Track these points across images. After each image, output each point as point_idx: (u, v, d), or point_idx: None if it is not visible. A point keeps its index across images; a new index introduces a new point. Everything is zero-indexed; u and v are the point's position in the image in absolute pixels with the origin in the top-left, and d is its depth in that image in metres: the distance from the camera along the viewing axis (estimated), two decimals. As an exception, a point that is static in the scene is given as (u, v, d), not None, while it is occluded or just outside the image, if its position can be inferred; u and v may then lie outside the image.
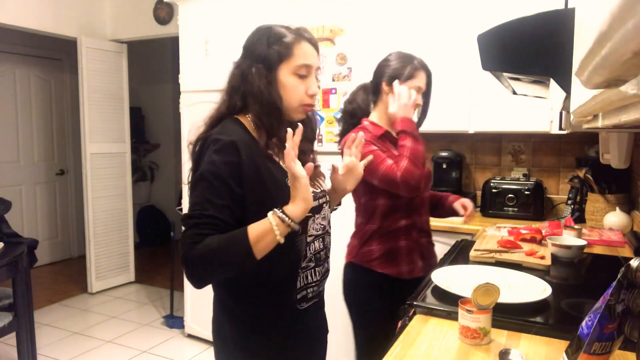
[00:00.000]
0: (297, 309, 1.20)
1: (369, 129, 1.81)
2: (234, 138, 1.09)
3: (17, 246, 2.50)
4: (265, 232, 1.03)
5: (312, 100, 1.19)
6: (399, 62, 1.83)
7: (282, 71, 1.15)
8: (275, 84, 1.15)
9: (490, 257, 1.67)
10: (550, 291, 1.28)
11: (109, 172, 4.21)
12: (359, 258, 1.84)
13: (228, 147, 1.08)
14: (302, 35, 1.18)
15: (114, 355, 3.06)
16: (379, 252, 1.80)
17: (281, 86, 1.15)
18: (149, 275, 4.62)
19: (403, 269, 1.81)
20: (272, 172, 1.14)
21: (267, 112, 1.14)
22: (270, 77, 1.14)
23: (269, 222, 1.04)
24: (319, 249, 1.23)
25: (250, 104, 1.15)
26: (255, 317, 1.18)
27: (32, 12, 3.64)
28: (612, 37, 0.31)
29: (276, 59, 1.15)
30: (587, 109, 0.63)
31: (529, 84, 1.17)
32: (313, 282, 1.22)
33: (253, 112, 1.15)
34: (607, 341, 0.75)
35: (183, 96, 3.17)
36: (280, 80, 1.15)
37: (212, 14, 3.00)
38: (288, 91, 1.16)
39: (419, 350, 1.06)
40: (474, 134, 2.70)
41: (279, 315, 1.18)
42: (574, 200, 2.57)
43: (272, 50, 1.15)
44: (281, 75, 1.15)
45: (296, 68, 1.16)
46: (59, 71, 5.07)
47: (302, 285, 1.19)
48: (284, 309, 1.18)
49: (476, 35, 0.99)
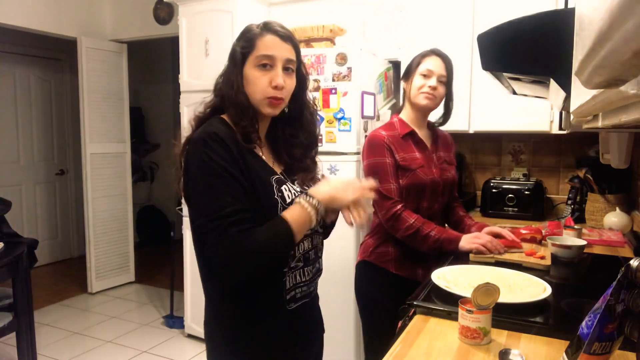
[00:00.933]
0: (287, 309, 1.18)
1: (395, 126, 1.85)
2: (217, 132, 1.09)
3: (17, 246, 2.50)
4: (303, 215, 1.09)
5: (276, 92, 1.14)
6: (412, 59, 1.87)
7: (247, 66, 1.15)
8: (241, 80, 1.15)
9: (490, 257, 1.67)
10: (550, 291, 1.28)
11: (109, 172, 4.21)
12: (374, 257, 1.86)
13: (214, 140, 1.08)
14: (268, 28, 1.16)
15: (114, 355, 3.06)
16: (395, 253, 1.83)
17: (246, 82, 1.15)
18: (149, 275, 4.62)
19: (418, 271, 1.83)
20: (255, 166, 1.14)
21: (238, 110, 1.14)
22: (237, 74, 1.15)
23: (299, 205, 1.09)
24: (307, 248, 1.22)
25: (226, 103, 1.16)
26: (245, 317, 1.17)
27: (32, 12, 3.64)
28: (612, 37, 0.31)
29: (241, 54, 1.15)
30: (587, 109, 0.63)
31: (529, 84, 1.17)
32: (302, 282, 1.21)
33: (228, 111, 1.16)
34: (607, 341, 0.75)
35: (183, 96, 3.17)
36: (245, 75, 1.15)
37: (212, 14, 3.00)
38: (251, 85, 1.15)
39: (419, 350, 1.06)
40: (474, 134, 2.70)
41: (268, 316, 1.17)
42: (574, 200, 2.57)
43: (238, 47, 1.16)
44: (246, 70, 1.15)
45: (257, 59, 1.14)
46: (59, 71, 5.07)
47: (291, 286, 1.18)
48: (273, 310, 1.17)
49: (476, 35, 0.99)
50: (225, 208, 1.04)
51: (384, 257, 1.84)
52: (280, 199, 1.14)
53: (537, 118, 2.48)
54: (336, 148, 2.56)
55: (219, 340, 1.21)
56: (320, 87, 2.54)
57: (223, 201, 1.05)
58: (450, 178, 1.89)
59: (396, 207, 1.74)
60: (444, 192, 1.87)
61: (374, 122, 2.70)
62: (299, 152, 1.28)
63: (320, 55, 2.54)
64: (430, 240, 1.71)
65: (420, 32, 2.70)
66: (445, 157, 1.91)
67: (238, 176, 1.08)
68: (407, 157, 1.79)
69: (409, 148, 1.81)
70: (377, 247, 1.86)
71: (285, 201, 1.14)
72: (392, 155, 1.78)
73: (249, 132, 1.14)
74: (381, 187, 1.74)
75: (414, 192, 1.79)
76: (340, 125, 2.54)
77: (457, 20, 2.62)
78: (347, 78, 2.50)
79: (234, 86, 1.14)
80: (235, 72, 1.15)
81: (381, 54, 2.84)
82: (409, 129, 1.83)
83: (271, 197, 1.12)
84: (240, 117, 1.14)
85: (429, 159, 1.84)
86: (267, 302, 1.17)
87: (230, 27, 2.91)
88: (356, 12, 2.93)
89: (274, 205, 1.13)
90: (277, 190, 1.15)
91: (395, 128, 1.84)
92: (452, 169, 1.91)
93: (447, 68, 1.80)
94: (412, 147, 1.82)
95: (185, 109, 3.17)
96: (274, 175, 1.17)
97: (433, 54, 1.81)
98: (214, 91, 1.21)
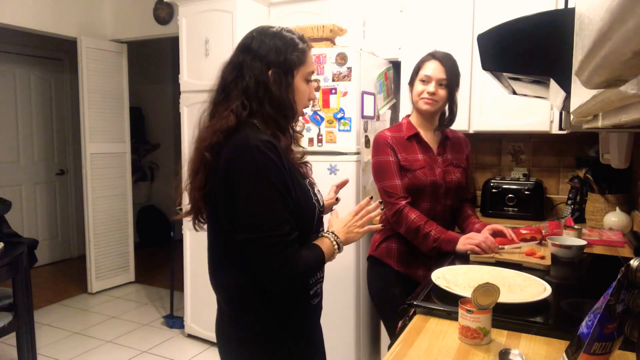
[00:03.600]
0: (311, 304, 1.24)
1: (402, 128, 1.90)
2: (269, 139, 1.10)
3: (17, 246, 2.50)
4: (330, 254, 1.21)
5: (309, 104, 1.27)
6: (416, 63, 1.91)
7: (297, 77, 1.19)
8: (292, 88, 1.19)
9: (490, 257, 1.67)
10: (550, 291, 1.28)
11: (109, 172, 4.21)
12: (379, 252, 1.93)
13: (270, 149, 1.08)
14: (309, 43, 1.24)
15: (114, 355, 3.06)
16: (397, 250, 1.88)
17: (296, 91, 1.20)
18: (149, 275, 4.61)
19: (419, 272, 1.87)
20: (294, 173, 1.18)
21: (284, 116, 1.18)
22: (289, 82, 1.18)
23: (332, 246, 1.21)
24: None
25: (267, 108, 1.15)
26: (274, 315, 1.19)
27: (32, 12, 3.64)
28: (612, 37, 0.31)
29: (295, 64, 1.18)
30: (587, 109, 0.63)
31: (529, 84, 1.17)
32: (321, 278, 1.28)
33: (268, 116, 1.15)
34: (607, 341, 0.75)
35: (183, 96, 3.17)
36: (296, 86, 1.19)
37: (212, 14, 3.00)
38: (300, 96, 1.21)
39: (419, 350, 1.06)
40: (474, 134, 2.70)
41: (296, 311, 1.22)
42: (574, 200, 2.57)
43: (291, 56, 1.18)
44: (297, 81, 1.19)
45: (307, 74, 1.22)
46: (59, 71, 5.07)
47: (313, 282, 1.24)
48: (301, 306, 1.23)
49: (476, 35, 0.99)
50: (283, 226, 1.07)
51: (387, 252, 1.90)
52: (317, 203, 1.22)
53: (537, 118, 2.48)
54: (336, 148, 2.56)
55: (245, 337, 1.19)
56: (320, 87, 2.54)
57: (281, 218, 1.07)
58: (455, 181, 1.89)
59: (400, 203, 1.78)
60: (447, 195, 1.88)
61: (374, 122, 2.70)
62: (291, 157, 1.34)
63: (320, 55, 2.54)
64: (430, 239, 1.73)
65: (420, 32, 2.70)
66: (452, 160, 1.91)
67: (291, 188, 1.11)
68: (409, 157, 1.83)
69: (412, 149, 1.85)
70: (382, 242, 1.93)
71: (320, 204, 1.24)
72: (395, 155, 1.83)
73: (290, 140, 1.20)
74: (385, 185, 1.80)
75: (413, 192, 1.82)
76: (340, 125, 2.54)
77: (457, 20, 2.62)
78: (347, 78, 2.50)
79: (289, 95, 1.17)
80: (288, 81, 1.17)
81: (381, 54, 2.84)
82: (414, 130, 1.87)
83: (311, 200, 1.20)
84: (285, 121, 1.19)
85: (433, 160, 1.86)
86: (296, 299, 1.21)
87: (230, 27, 2.91)
88: (356, 12, 2.93)
89: (313, 208, 1.20)
90: (314, 195, 1.22)
91: (402, 129, 1.89)
92: (457, 172, 1.91)
93: (447, 71, 1.80)
94: (415, 149, 1.85)
95: (185, 109, 3.17)
96: (305, 179, 1.24)
97: (432, 58, 1.84)
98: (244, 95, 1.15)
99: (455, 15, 2.63)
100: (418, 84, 1.84)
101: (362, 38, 2.92)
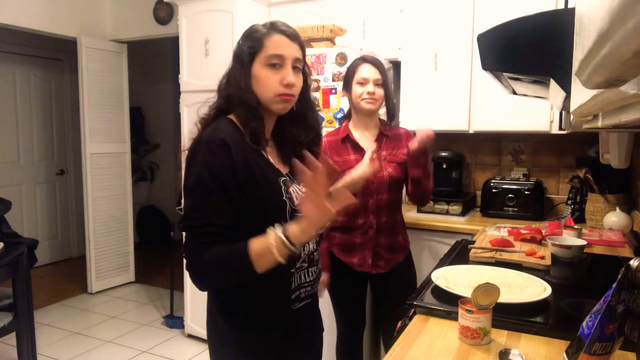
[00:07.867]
0: (291, 309, 1.20)
1: (340, 131, 2.03)
2: (225, 137, 1.09)
3: (17, 246, 2.50)
4: (266, 251, 1.02)
5: (288, 89, 1.15)
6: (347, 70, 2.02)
7: (255, 65, 1.16)
8: (249, 79, 1.15)
9: (490, 257, 1.67)
10: (550, 291, 1.28)
11: (109, 172, 4.21)
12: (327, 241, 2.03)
13: (220, 147, 1.08)
14: (276, 27, 1.17)
15: (114, 355, 3.06)
16: (338, 239, 2.00)
17: (255, 80, 1.16)
18: (149, 275, 4.61)
19: (354, 261, 1.98)
20: (263, 168, 1.15)
21: (246, 110, 1.15)
22: (245, 74, 1.15)
23: (268, 241, 1.02)
24: (312, 249, 1.24)
25: (233, 104, 1.16)
26: (250, 317, 1.18)
27: (32, 12, 3.64)
28: (612, 37, 0.31)
29: (248, 54, 1.15)
30: (587, 109, 0.63)
31: (529, 84, 1.17)
32: (306, 283, 1.23)
33: (235, 110, 1.17)
34: (608, 341, 0.75)
35: (183, 96, 3.17)
36: (254, 75, 1.15)
37: (212, 14, 3.00)
38: (261, 83, 1.15)
39: (419, 350, 1.06)
40: (474, 134, 2.70)
41: (274, 315, 1.19)
42: (574, 200, 2.57)
43: (245, 46, 1.17)
44: (255, 69, 1.15)
45: (267, 59, 1.14)
46: (59, 71, 5.07)
47: (296, 286, 1.20)
48: (279, 309, 1.19)
49: (476, 35, 0.99)
50: (199, 220, 1.07)
51: (331, 240, 2.01)
52: (289, 200, 1.15)
53: (537, 118, 2.48)
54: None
55: (223, 338, 1.22)
56: (320, 87, 2.54)
57: (200, 212, 1.08)
58: (387, 176, 1.95)
59: None
60: (379, 190, 1.95)
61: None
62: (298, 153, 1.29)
63: (320, 55, 2.54)
64: None
65: (420, 32, 2.70)
66: (386, 156, 1.98)
67: (230, 187, 1.08)
68: (339, 159, 1.94)
69: (344, 151, 1.97)
70: (329, 232, 2.00)
71: (293, 202, 1.15)
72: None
73: (257, 133, 1.15)
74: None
75: None
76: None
77: (457, 20, 2.62)
78: (347, 78, 2.49)
79: (241, 86, 1.15)
80: (242, 72, 1.15)
81: (381, 54, 2.84)
82: (345, 133, 1.99)
83: (280, 198, 1.14)
84: (248, 117, 1.15)
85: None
86: (273, 301, 1.18)
87: (230, 27, 2.91)
88: (356, 12, 2.93)
89: (282, 206, 1.14)
90: (286, 192, 1.16)
91: (339, 133, 2.03)
92: (390, 167, 1.96)
93: (380, 71, 1.94)
94: (348, 150, 1.97)
95: (185, 109, 3.17)
96: (281, 176, 1.18)
97: (364, 61, 1.95)
98: (218, 92, 1.21)
99: (455, 15, 2.63)
100: (356, 86, 1.94)
101: (362, 38, 2.91)
